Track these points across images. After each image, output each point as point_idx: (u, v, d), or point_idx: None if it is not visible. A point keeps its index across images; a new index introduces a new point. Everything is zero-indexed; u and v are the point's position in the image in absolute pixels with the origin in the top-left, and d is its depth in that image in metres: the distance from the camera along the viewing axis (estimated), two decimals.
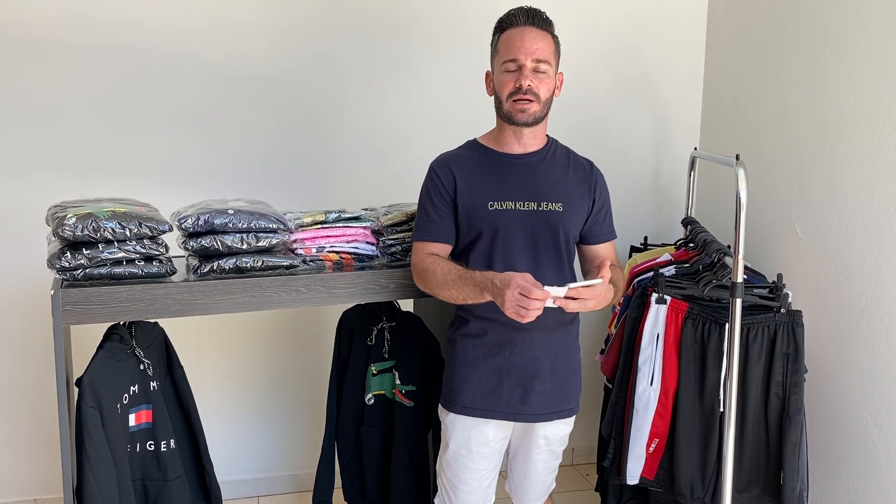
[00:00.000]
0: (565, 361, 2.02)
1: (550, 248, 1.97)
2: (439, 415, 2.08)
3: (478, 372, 1.98)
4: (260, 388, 3.01)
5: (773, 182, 2.75)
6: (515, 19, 1.91)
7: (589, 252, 2.08)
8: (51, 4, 2.60)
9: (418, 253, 1.99)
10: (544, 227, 1.95)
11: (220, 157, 2.81)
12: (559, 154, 2.04)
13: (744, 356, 2.28)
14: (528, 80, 1.88)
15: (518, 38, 1.89)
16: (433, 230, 1.97)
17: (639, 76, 3.19)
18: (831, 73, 2.47)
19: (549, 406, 2.00)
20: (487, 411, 1.98)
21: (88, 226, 1.80)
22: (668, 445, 2.40)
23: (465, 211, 1.95)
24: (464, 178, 1.96)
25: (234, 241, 1.95)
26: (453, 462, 2.02)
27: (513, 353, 1.96)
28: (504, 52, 1.92)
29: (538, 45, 1.89)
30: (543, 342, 1.97)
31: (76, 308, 1.82)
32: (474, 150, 2.03)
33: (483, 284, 1.79)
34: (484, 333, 1.98)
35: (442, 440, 2.07)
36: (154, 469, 2.04)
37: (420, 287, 1.99)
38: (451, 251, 2.01)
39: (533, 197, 1.95)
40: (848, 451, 2.41)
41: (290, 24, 2.81)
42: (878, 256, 2.29)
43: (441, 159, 2.03)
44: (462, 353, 2.01)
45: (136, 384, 2.00)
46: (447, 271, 1.88)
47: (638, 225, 3.25)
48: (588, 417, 3.10)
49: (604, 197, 2.06)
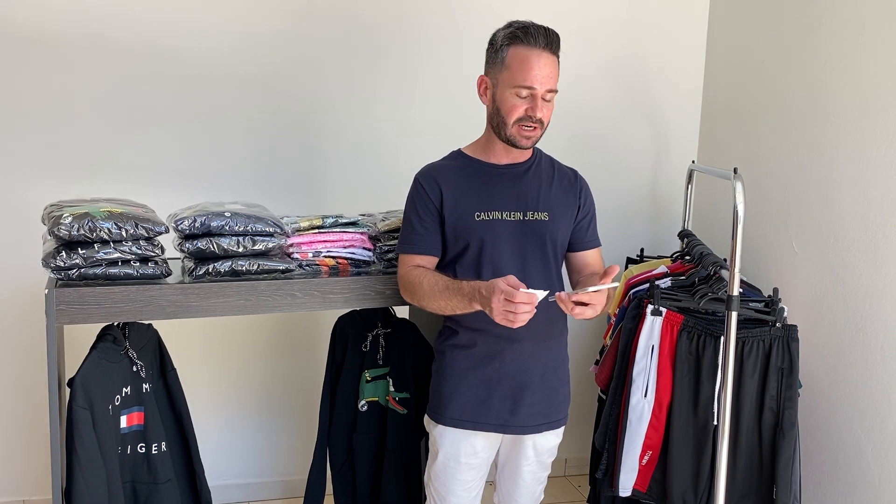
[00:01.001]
0: (554, 373, 2.01)
1: (538, 258, 1.96)
2: (426, 426, 2.07)
3: (466, 383, 1.97)
4: (253, 393, 3.00)
5: (770, 196, 2.76)
6: (535, 39, 1.82)
7: (576, 259, 2.07)
8: (52, 5, 2.60)
9: (404, 265, 1.97)
10: (531, 236, 1.94)
11: (218, 160, 2.81)
12: (544, 164, 2.03)
13: (738, 370, 2.28)
14: (541, 111, 1.85)
15: (536, 63, 1.82)
16: (419, 242, 1.96)
17: (638, 89, 3.20)
18: (829, 89, 2.48)
19: (538, 418, 1.99)
20: (476, 423, 1.97)
21: (84, 225, 1.79)
22: (661, 458, 2.39)
23: (451, 222, 1.94)
24: (450, 189, 1.95)
25: (230, 244, 1.94)
26: (441, 473, 2.01)
27: (502, 365, 1.95)
28: (518, 75, 1.83)
29: (552, 72, 1.84)
30: (533, 353, 1.96)
31: (70, 308, 1.82)
32: (460, 160, 2.01)
33: (471, 294, 1.78)
34: (473, 344, 1.96)
35: (430, 451, 2.06)
36: (144, 471, 2.03)
37: (407, 299, 1.98)
38: (439, 263, 2.00)
39: (519, 207, 1.95)
40: (841, 467, 2.41)
41: (289, 29, 2.81)
42: (874, 273, 2.29)
43: (426, 171, 2.00)
44: (451, 364, 1.99)
45: (129, 386, 1.99)
46: (434, 282, 1.87)
47: (635, 236, 3.26)
48: (581, 428, 3.09)
49: (589, 204, 2.06)
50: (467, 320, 1.94)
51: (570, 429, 2.10)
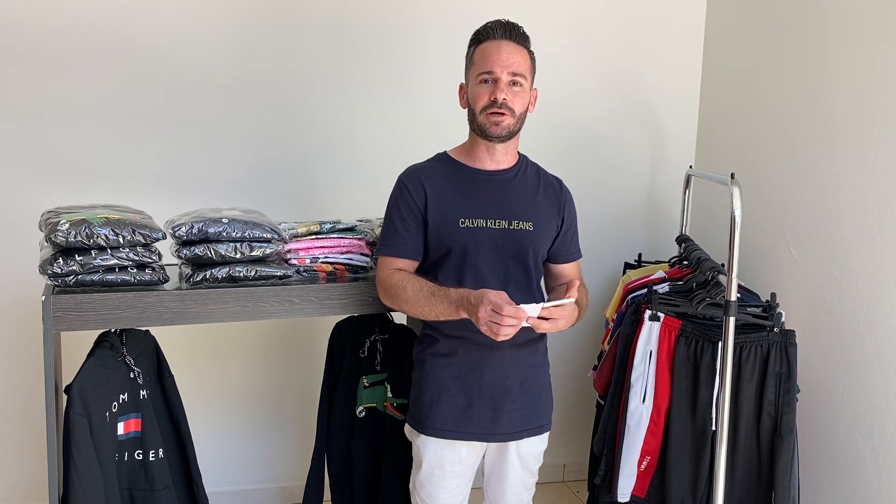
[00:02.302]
0: (535, 379, 2.00)
1: (520, 267, 1.95)
2: (408, 435, 2.05)
3: (448, 393, 1.95)
4: (250, 399, 2.99)
5: (767, 201, 2.76)
6: (492, 32, 1.88)
7: (555, 270, 2.06)
8: (47, 11, 2.60)
9: (384, 268, 1.95)
10: (514, 246, 1.93)
11: (215, 166, 2.81)
12: (530, 172, 2.02)
13: (736, 375, 2.28)
14: (504, 93, 1.86)
15: (494, 50, 1.86)
16: (401, 245, 1.94)
17: (635, 94, 3.21)
18: (826, 94, 2.49)
19: (519, 424, 1.97)
20: (459, 433, 1.95)
21: (81, 232, 1.79)
22: (659, 463, 2.39)
23: (434, 227, 1.92)
24: (435, 193, 1.93)
25: (227, 251, 1.94)
26: (426, 482, 1.99)
27: (483, 373, 1.93)
28: (479, 65, 1.88)
29: (514, 58, 1.86)
30: (513, 360, 1.95)
31: (67, 314, 1.81)
32: (445, 163, 1.99)
33: (459, 302, 1.78)
34: (454, 353, 1.95)
35: (414, 460, 2.04)
36: (142, 478, 2.02)
37: (386, 303, 1.96)
38: (419, 266, 1.98)
39: (504, 215, 1.93)
40: (839, 472, 2.41)
41: (288, 33, 2.82)
42: (872, 277, 2.30)
43: (411, 171, 1.99)
44: (431, 372, 1.97)
45: (126, 392, 1.99)
46: (418, 288, 1.85)
47: (632, 241, 3.26)
48: (579, 434, 3.09)
49: (572, 216, 2.05)
50: (448, 328, 1.92)
51: (568, 434, 2.10)
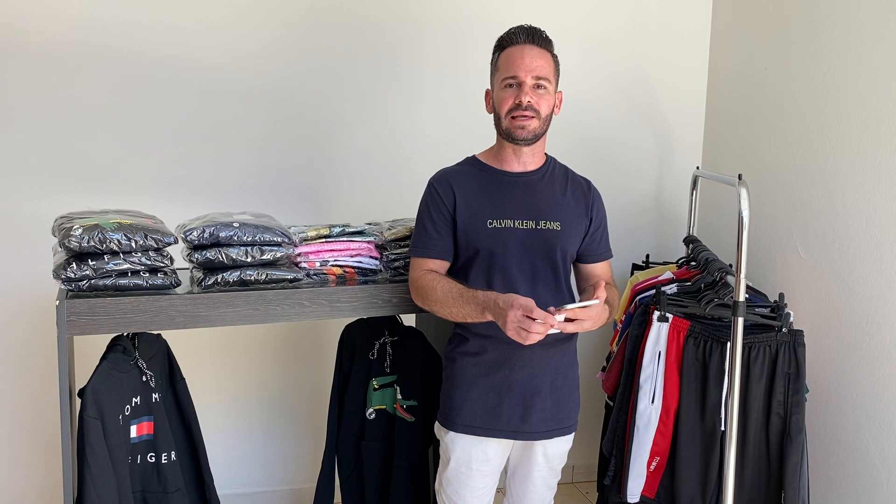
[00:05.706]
0: (565, 378, 2.02)
1: (548, 267, 1.97)
2: (437, 433, 2.07)
3: (478, 390, 1.98)
4: (261, 402, 3.01)
5: (774, 202, 2.76)
6: (516, 37, 1.93)
7: (585, 271, 2.08)
8: (62, 18, 2.62)
9: (417, 269, 1.99)
10: (542, 246, 1.96)
11: (225, 171, 2.83)
12: (557, 173, 2.05)
13: (745, 375, 2.28)
14: (528, 96, 1.89)
15: (518, 55, 1.91)
16: (432, 246, 1.98)
17: (642, 96, 3.22)
18: (833, 94, 2.49)
19: (548, 423, 2.00)
20: (488, 430, 1.98)
21: (94, 237, 1.81)
22: (668, 464, 2.39)
23: (463, 228, 1.96)
24: (463, 195, 1.97)
25: (238, 254, 1.96)
26: (454, 480, 2.01)
27: (512, 371, 1.96)
28: (504, 70, 1.93)
29: (538, 62, 1.90)
30: (543, 359, 1.97)
31: (80, 319, 1.83)
32: (473, 167, 2.03)
33: (485, 304, 1.80)
34: (483, 351, 1.97)
35: (441, 458, 2.06)
36: (154, 481, 2.04)
37: (418, 303, 1.99)
38: (451, 268, 2.02)
39: (531, 216, 1.96)
40: (849, 472, 2.41)
41: (296, 39, 2.83)
42: (880, 277, 2.30)
43: (440, 175, 2.03)
44: (461, 371, 2.00)
45: (139, 396, 2.00)
46: (448, 289, 1.89)
47: (640, 243, 3.26)
48: (589, 435, 3.09)
49: (601, 216, 2.07)
50: (477, 327, 1.95)
51: (577, 435, 2.10)
